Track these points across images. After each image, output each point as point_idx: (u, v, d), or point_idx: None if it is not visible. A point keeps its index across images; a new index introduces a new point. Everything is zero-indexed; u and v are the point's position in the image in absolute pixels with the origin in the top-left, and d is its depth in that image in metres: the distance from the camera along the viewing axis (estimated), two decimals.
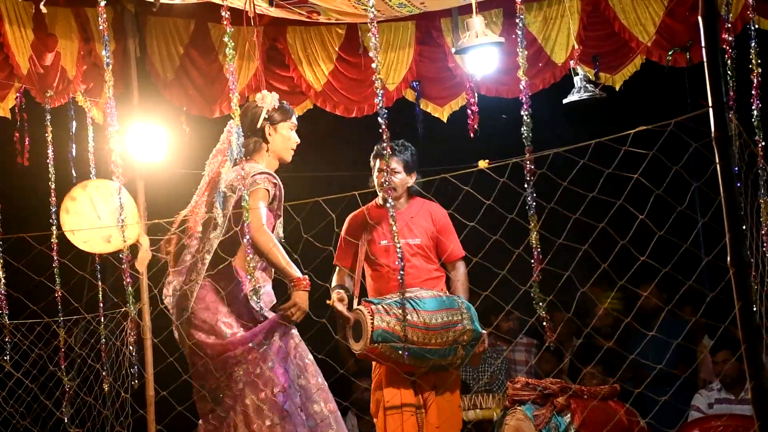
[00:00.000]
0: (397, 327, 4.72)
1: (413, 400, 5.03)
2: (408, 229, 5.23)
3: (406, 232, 5.19)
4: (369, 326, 4.70)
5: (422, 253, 5.25)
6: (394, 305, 4.80)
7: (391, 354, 4.76)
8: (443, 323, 4.85)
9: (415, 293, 4.97)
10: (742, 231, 2.96)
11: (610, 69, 6.40)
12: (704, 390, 6.13)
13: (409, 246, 5.19)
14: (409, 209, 5.35)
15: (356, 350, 4.86)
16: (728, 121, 2.97)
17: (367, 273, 5.30)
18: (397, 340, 4.72)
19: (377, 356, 4.79)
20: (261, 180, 4.42)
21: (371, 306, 4.81)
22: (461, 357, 4.95)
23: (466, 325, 4.92)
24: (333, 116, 6.85)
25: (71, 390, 5.83)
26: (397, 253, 4.42)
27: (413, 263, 5.18)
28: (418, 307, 4.87)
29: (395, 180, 5.23)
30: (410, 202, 5.41)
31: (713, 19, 3.02)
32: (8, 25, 5.64)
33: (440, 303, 4.92)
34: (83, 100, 6.10)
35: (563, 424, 5.16)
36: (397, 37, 6.71)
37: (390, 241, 5.12)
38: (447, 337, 4.86)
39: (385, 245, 5.21)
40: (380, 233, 5.23)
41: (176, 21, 6.56)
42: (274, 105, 4.66)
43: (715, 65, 2.99)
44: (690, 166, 3.70)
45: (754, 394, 2.85)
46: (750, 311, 2.89)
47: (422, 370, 4.91)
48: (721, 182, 2.97)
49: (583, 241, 3.81)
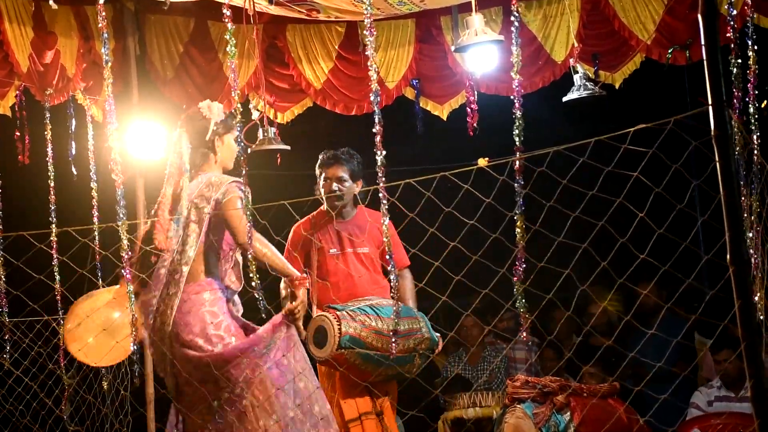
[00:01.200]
0: (363, 333, 4.68)
1: (370, 407, 4.96)
2: (356, 237, 5.17)
3: (354, 241, 5.15)
4: (336, 332, 4.63)
5: (370, 262, 5.21)
6: (359, 311, 4.76)
7: (354, 360, 4.69)
8: (405, 331, 4.82)
9: (374, 301, 4.94)
10: (742, 229, 2.96)
11: (609, 67, 6.40)
12: (704, 387, 6.12)
13: (357, 255, 5.15)
14: (355, 218, 5.31)
15: (320, 357, 4.75)
16: (728, 119, 2.97)
17: (312, 283, 5.13)
18: (363, 346, 4.68)
19: (340, 363, 4.69)
20: (233, 188, 4.39)
21: (336, 312, 4.74)
22: (417, 365, 4.93)
23: (425, 333, 4.91)
24: (333, 114, 6.85)
25: (71, 388, 5.83)
26: (348, 261, 4.46)
27: (362, 272, 5.14)
28: (381, 314, 4.84)
29: (343, 188, 5.19)
30: (356, 210, 5.38)
31: (713, 18, 3.02)
32: (8, 23, 5.64)
33: (398, 311, 4.88)
34: (83, 98, 6.10)
35: (563, 423, 5.17)
36: (396, 35, 6.71)
37: (339, 249, 5.07)
38: (408, 345, 4.82)
39: (335, 254, 5.15)
40: (328, 242, 5.17)
41: (176, 19, 6.56)
42: (221, 116, 4.60)
43: (714, 63, 2.99)
44: (690, 164, 3.69)
45: (753, 392, 2.85)
46: (750, 310, 2.89)
47: (379, 377, 4.85)
48: (721, 180, 2.97)
49: (582, 239, 3.81)
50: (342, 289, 5.07)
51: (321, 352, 4.71)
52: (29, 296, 5.12)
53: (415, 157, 7.84)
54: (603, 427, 4.95)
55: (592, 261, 3.85)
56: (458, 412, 6.34)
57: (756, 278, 3.41)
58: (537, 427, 5.18)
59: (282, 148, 5.84)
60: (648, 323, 6.05)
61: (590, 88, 5.67)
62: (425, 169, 4.93)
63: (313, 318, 4.78)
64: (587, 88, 5.67)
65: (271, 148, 5.85)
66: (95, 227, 5.03)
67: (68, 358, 5.61)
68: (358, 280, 5.08)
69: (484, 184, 4.00)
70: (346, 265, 5.13)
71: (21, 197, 6.03)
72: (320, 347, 4.70)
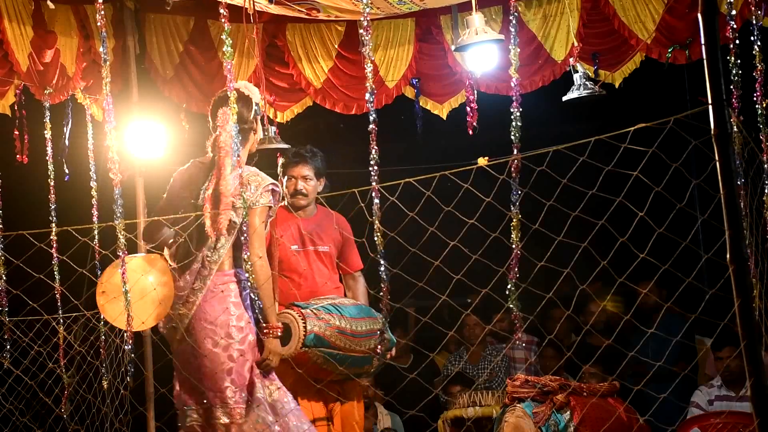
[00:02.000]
0: (327, 332, 4.64)
1: (323, 413, 4.92)
2: (317, 236, 5.14)
3: (315, 239, 5.12)
4: (301, 330, 4.59)
5: (329, 261, 5.17)
6: (323, 310, 4.72)
7: (316, 360, 4.65)
8: (367, 331, 4.78)
9: (336, 300, 4.91)
10: (742, 228, 2.96)
11: (609, 66, 6.40)
12: (704, 387, 6.13)
13: (318, 253, 5.12)
14: (316, 216, 5.29)
15: (283, 355, 4.62)
16: (728, 118, 2.97)
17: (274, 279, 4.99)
18: (327, 346, 4.64)
19: (301, 362, 4.63)
20: (266, 196, 4.34)
21: (300, 310, 4.69)
22: (375, 366, 4.91)
23: (384, 335, 4.86)
24: (332, 113, 6.85)
25: (70, 387, 5.82)
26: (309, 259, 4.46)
27: (323, 271, 5.10)
28: (344, 313, 4.81)
29: (308, 186, 5.16)
30: (317, 208, 5.36)
31: (713, 17, 3.02)
32: (8, 22, 5.64)
33: (360, 310, 4.86)
34: (83, 97, 6.09)
35: (562, 422, 5.16)
36: (396, 34, 6.71)
37: (301, 246, 5.03)
38: (369, 345, 4.79)
39: (296, 250, 5.12)
40: (290, 239, 5.13)
41: (176, 18, 6.56)
42: (258, 96, 4.54)
43: (714, 62, 2.99)
44: (689, 163, 3.69)
45: (753, 390, 2.85)
46: (749, 308, 2.89)
47: (335, 378, 4.80)
48: (721, 179, 2.97)
49: (582, 238, 3.81)
50: (303, 287, 5.03)
51: (284, 350, 4.61)
52: (29, 295, 5.12)
53: (414, 156, 7.84)
54: (603, 426, 4.95)
55: (592, 260, 3.85)
56: (458, 411, 6.34)
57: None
58: (537, 426, 5.18)
59: (282, 147, 5.84)
60: (648, 322, 6.05)
61: (590, 88, 5.67)
62: (425, 168, 4.94)
63: (276, 315, 4.70)
64: (587, 87, 5.67)
65: (271, 147, 5.85)
66: (95, 226, 5.03)
67: (68, 357, 5.61)
68: (319, 278, 5.04)
69: (485, 183, 4.00)
70: (308, 263, 5.09)
71: (21, 196, 6.03)
72: (282, 345, 4.61)
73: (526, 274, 3.98)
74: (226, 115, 4.31)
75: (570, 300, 4.55)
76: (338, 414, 4.97)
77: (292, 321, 4.61)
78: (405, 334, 6.52)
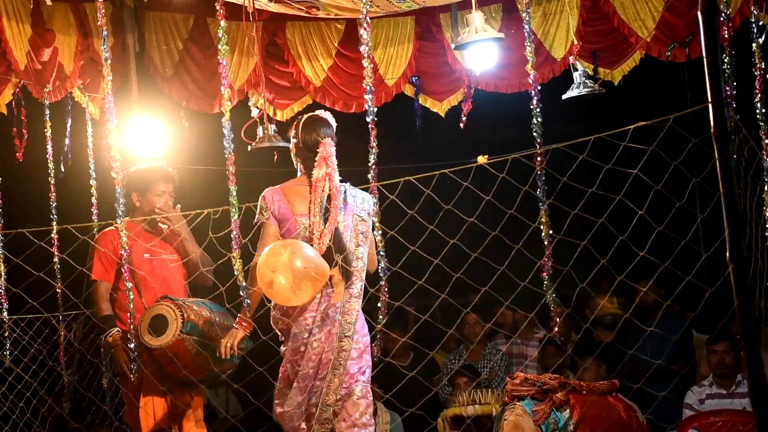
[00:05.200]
0: (200, 322, 4.62)
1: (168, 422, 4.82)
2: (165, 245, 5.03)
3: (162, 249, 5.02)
4: (179, 317, 4.58)
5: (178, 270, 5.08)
6: (192, 303, 4.70)
7: (191, 349, 4.60)
8: (228, 326, 4.73)
9: (197, 299, 4.88)
10: (741, 226, 2.96)
11: (609, 64, 6.40)
12: (695, 386, 6.13)
13: (169, 262, 5.03)
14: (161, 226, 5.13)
15: (158, 345, 4.58)
16: (727, 116, 2.97)
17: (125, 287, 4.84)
18: (200, 334, 4.62)
19: (177, 351, 4.58)
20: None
21: (173, 301, 4.67)
22: (233, 366, 4.88)
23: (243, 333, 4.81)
24: (332, 112, 6.83)
25: (71, 385, 5.83)
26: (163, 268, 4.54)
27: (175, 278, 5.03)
28: (210, 307, 4.79)
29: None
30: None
31: (712, 15, 3.02)
32: (6, 20, 5.63)
33: (218, 307, 4.84)
34: (80, 95, 6.09)
35: (562, 420, 5.16)
36: (396, 32, 6.71)
37: (152, 255, 4.96)
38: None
39: (148, 258, 4.98)
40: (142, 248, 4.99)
41: (175, 16, 6.56)
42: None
43: (714, 61, 2.99)
44: (689, 161, 3.69)
45: (752, 389, 2.85)
46: (749, 306, 2.89)
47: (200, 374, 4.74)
48: (721, 178, 2.97)
49: (582, 236, 3.81)
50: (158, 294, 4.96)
51: (159, 340, 4.57)
52: (29, 294, 5.12)
53: (414, 155, 7.83)
54: (602, 424, 4.95)
55: (592, 258, 3.85)
56: (458, 410, 6.33)
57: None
58: (536, 425, 5.17)
59: (282, 145, 5.84)
60: (647, 321, 6.05)
61: (590, 86, 5.67)
62: (424, 167, 4.94)
63: (148, 308, 4.68)
64: (587, 85, 5.67)
65: (271, 146, 5.86)
66: (95, 225, 5.04)
67: (69, 355, 5.61)
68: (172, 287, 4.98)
69: (484, 181, 4.01)
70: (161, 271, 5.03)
71: (20, 195, 6.03)
72: (157, 335, 4.58)
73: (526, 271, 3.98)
74: (332, 146, 4.37)
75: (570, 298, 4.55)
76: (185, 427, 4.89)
77: (167, 310, 4.61)
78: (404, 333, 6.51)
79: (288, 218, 4.27)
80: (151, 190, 4.97)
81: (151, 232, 5.01)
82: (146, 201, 4.97)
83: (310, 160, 4.33)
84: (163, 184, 5.00)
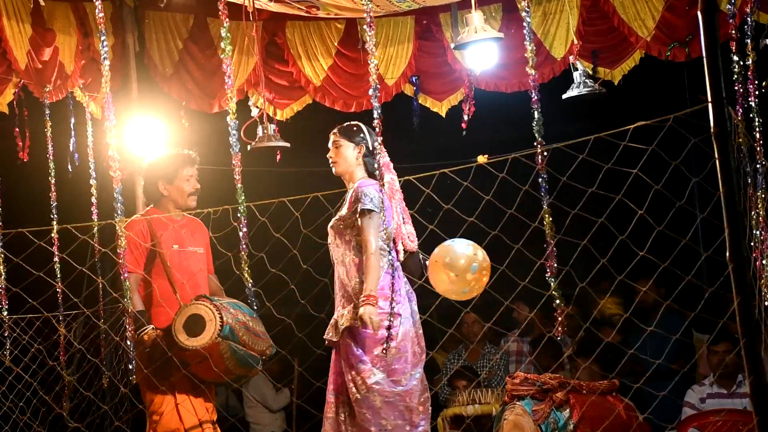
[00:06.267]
0: (237, 326, 4.57)
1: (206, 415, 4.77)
2: (191, 236, 4.96)
3: (189, 240, 4.93)
4: (218, 321, 4.53)
5: (203, 262, 5.01)
6: (228, 305, 4.63)
7: (224, 353, 4.55)
8: (261, 332, 4.69)
9: (230, 299, 4.80)
10: (741, 226, 2.96)
11: (609, 64, 6.40)
12: (696, 386, 6.14)
13: (196, 254, 5.00)
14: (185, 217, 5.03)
15: (193, 346, 4.51)
16: (727, 115, 2.97)
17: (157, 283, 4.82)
18: (236, 340, 4.59)
19: (211, 354, 4.52)
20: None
21: (212, 302, 4.59)
22: (255, 373, 4.85)
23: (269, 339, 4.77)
24: (332, 111, 6.85)
25: (71, 385, 5.82)
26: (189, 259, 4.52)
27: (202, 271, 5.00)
28: (244, 310, 4.71)
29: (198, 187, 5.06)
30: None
31: (712, 14, 3.01)
32: (6, 19, 5.63)
33: (249, 310, 4.80)
34: (81, 94, 6.09)
35: (562, 419, 5.16)
36: (396, 32, 6.71)
37: (182, 246, 4.89)
38: (261, 347, 4.69)
39: (177, 250, 4.87)
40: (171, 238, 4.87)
41: (175, 15, 6.57)
42: None
43: (714, 60, 2.99)
44: (689, 161, 3.69)
45: (752, 388, 2.85)
46: (749, 306, 2.89)
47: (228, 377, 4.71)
48: (721, 177, 2.97)
49: (582, 236, 3.81)
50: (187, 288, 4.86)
51: (195, 341, 4.50)
52: (29, 293, 5.12)
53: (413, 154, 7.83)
54: (602, 423, 4.95)
55: (592, 258, 3.85)
56: (457, 409, 6.34)
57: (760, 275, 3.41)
58: (536, 424, 5.18)
59: (281, 145, 5.84)
60: (647, 320, 6.05)
61: (590, 86, 5.67)
62: (424, 167, 4.95)
63: (185, 306, 4.60)
64: (587, 85, 5.67)
65: (271, 145, 5.86)
66: (95, 224, 5.04)
67: (68, 354, 5.61)
68: (199, 280, 4.93)
69: (484, 181, 4.01)
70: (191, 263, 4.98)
71: (20, 194, 6.03)
72: (193, 335, 4.51)
73: (526, 271, 3.98)
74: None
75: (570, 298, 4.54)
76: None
77: (206, 311, 4.54)
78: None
79: (388, 216, 4.56)
80: (179, 176, 4.93)
81: (176, 221, 4.94)
82: (174, 188, 4.93)
83: (371, 165, 4.63)
84: (189, 167, 4.98)
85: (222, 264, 4.84)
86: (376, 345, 4.43)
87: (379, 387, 4.42)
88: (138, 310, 4.64)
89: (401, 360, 4.47)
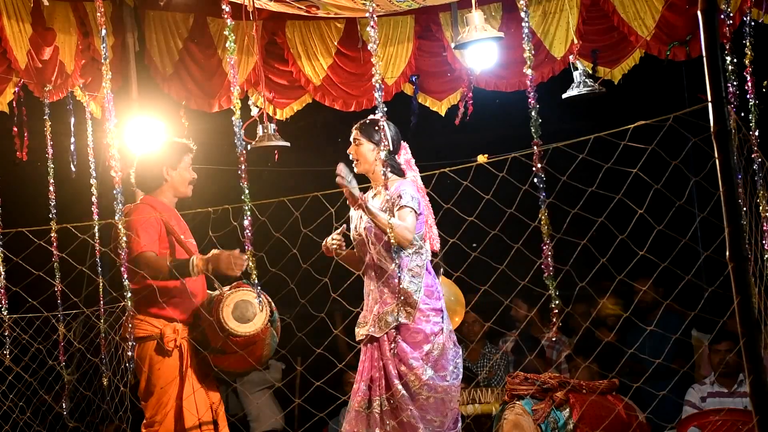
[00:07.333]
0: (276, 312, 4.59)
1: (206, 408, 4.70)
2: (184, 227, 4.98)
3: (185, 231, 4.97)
4: (266, 305, 4.45)
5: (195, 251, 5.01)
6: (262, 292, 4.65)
7: (267, 339, 4.52)
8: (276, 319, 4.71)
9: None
10: (741, 225, 2.95)
11: (609, 63, 6.40)
12: (697, 384, 6.14)
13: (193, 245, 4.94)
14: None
15: (245, 332, 4.47)
16: (727, 115, 2.97)
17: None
18: (275, 327, 4.56)
19: (257, 340, 4.49)
20: None
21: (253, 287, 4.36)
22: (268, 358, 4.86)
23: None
24: (332, 111, 6.85)
25: (70, 384, 5.82)
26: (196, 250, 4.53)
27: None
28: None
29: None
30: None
31: (712, 14, 3.01)
32: (6, 19, 5.64)
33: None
34: (82, 94, 6.09)
35: (562, 419, 5.16)
36: (396, 31, 6.71)
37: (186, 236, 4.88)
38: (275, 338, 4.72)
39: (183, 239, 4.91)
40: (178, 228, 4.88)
41: (175, 15, 6.57)
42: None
43: (714, 59, 2.99)
44: (689, 160, 3.69)
45: (752, 388, 2.85)
46: (749, 305, 2.89)
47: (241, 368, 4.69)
48: (720, 176, 2.97)
49: (581, 235, 3.81)
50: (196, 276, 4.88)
51: (246, 327, 4.47)
52: (29, 293, 5.12)
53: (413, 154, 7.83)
54: (602, 423, 4.95)
55: (592, 257, 3.85)
56: None
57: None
58: (536, 424, 5.18)
59: (281, 144, 5.84)
60: (646, 320, 6.05)
61: (590, 85, 5.66)
62: (424, 166, 4.95)
63: (230, 292, 4.54)
64: (587, 84, 5.67)
65: (271, 145, 5.86)
66: (95, 223, 5.03)
67: (68, 354, 5.61)
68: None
69: (484, 181, 4.01)
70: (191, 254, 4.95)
71: (21, 193, 6.03)
72: (242, 322, 4.47)
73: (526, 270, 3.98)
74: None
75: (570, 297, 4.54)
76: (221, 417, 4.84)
77: (253, 297, 4.44)
78: None
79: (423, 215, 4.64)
80: (183, 162, 4.95)
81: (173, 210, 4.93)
82: (177, 174, 4.93)
83: (395, 161, 4.74)
84: (189, 155, 4.99)
85: None
86: (425, 342, 4.47)
87: (433, 382, 4.49)
88: (174, 264, 4.52)
89: (444, 356, 4.59)
